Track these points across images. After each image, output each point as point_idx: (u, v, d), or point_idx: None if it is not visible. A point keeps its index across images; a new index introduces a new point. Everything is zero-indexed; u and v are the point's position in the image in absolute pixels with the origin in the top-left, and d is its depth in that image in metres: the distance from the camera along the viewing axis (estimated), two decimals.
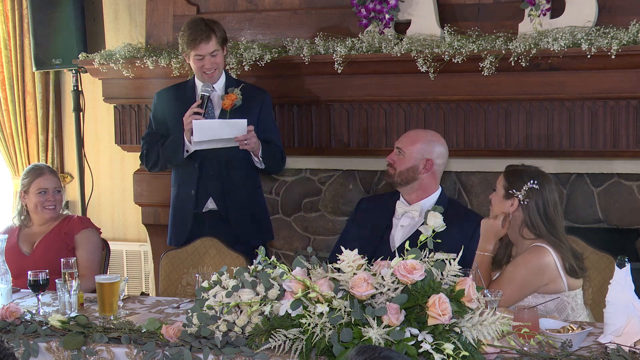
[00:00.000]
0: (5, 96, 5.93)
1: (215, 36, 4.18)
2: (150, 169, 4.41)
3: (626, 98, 4.24)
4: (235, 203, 4.32)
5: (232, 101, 4.21)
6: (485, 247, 3.47)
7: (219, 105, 4.26)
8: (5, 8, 5.87)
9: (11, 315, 3.16)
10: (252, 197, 4.39)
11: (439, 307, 2.60)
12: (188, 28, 4.22)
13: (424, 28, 4.51)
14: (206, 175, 4.29)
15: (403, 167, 3.76)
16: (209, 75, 4.22)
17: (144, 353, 2.89)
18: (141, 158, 4.42)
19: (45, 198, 4.13)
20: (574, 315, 3.32)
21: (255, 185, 4.42)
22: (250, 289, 2.86)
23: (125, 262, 5.92)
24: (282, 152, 4.40)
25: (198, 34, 4.16)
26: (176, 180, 4.40)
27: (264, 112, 4.33)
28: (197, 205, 4.32)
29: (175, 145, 4.22)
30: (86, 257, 4.09)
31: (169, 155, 4.27)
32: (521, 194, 3.40)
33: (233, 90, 4.24)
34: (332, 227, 5.06)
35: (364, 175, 5.00)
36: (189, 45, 4.19)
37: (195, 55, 4.19)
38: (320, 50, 4.60)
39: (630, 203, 4.54)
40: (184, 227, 4.35)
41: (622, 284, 2.84)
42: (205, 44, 4.16)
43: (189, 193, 4.32)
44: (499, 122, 4.46)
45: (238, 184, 4.31)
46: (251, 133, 4.14)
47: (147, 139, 4.38)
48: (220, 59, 4.24)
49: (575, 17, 4.28)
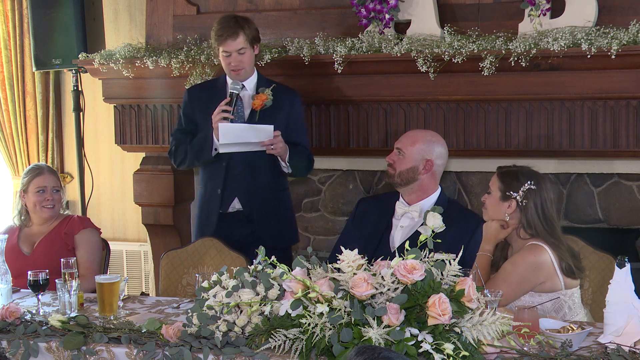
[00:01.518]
0: (5, 96, 5.93)
1: (243, 34, 4.14)
2: (178, 165, 4.38)
3: (626, 98, 4.24)
4: (260, 204, 4.27)
5: (262, 101, 4.17)
6: (484, 247, 3.48)
7: (250, 104, 4.21)
8: (5, 8, 5.87)
9: (11, 315, 3.16)
10: (278, 199, 4.34)
11: (439, 307, 2.60)
12: (218, 24, 4.19)
13: (424, 28, 4.51)
14: (233, 174, 4.25)
15: (403, 167, 3.76)
16: (236, 72, 4.19)
17: (144, 353, 2.89)
18: (170, 154, 4.39)
19: (43, 197, 4.13)
20: (571, 314, 3.32)
21: (282, 188, 4.37)
22: (250, 289, 2.86)
23: (125, 262, 5.92)
24: (310, 155, 4.35)
25: (225, 30, 4.13)
26: (203, 179, 4.36)
27: (294, 114, 4.29)
28: (222, 205, 4.27)
29: (204, 143, 4.18)
30: (86, 257, 4.09)
31: (197, 153, 4.23)
32: (519, 195, 3.40)
33: (264, 91, 4.19)
34: (332, 227, 5.06)
35: (364, 175, 5.00)
36: (217, 40, 4.16)
37: (223, 52, 4.16)
38: (320, 50, 4.60)
39: (630, 203, 4.54)
40: (209, 226, 4.30)
41: (622, 284, 2.84)
42: (232, 41, 4.13)
43: (215, 192, 4.28)
44: (499, 122, 4.46)
45: (264, 186, 4.26)
46: (278, 138, 4.09)
47: (176, 136, 4.34)
48: (248, 57, 4.19)
49: (575, 17, 4.28)
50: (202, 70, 4.74)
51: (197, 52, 4.80)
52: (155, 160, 5.19)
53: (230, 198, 4.27)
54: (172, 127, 5.00)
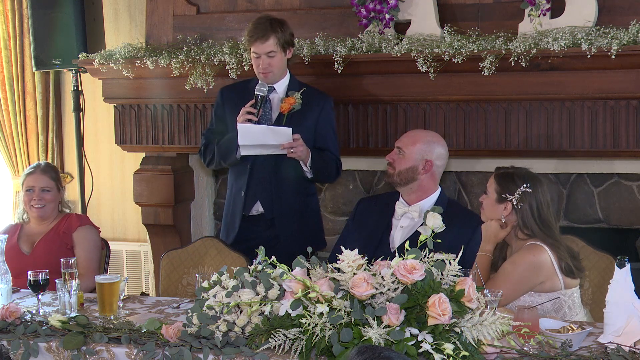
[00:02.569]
0: (5, 96, 5.93)
1: (274, 37, 4.07)
2: (207, 165, 4.35)
3: (626, 98, 4.24)
4: (284, 209, 4.21)
5: (290, 105, 4.11)
6: (484, 247, 3.49)
7: (278, 107, 4.16)
8: (5, 8, 5.87)
9: (11, 315, 3.16)
10: (304, 203, 4.27)
11: (439, 307, 2.60)
12: (252, 24, 4.14)
13: (424, 28, 4.51)
14: (257, 178, 4.19)
15: (402, 167, 3.76)
16: (264, 75, 4.12)
17: (144, 353, 2.89)
18: (200, 153, 4.37)
19: (30, 197, 4.13)
20: (570, 314, 3.32)
21: (308, 193, 4.30)
22: (250, 289, 2.86)
23: (125, 262, 5.92)
24: (338, 162, 4.26)
25: (257, 32, 4.08)
26: (230, 180, 4.33)
27: (323, 119, 4.21)
28: (245, 208, 4.22)
29: (230, 144, 4.13)
30: (84, 255, 4.08)
31: (223, 154, 4.19)
32: (514, 198, 3.41)
33: (293, 94, 4.14)
34: (332, 227, 5.06)
35: (364, 175, 5.00)
36: (248, 41, 4.13)
37: (253, 53, 4.12)
38: (320, 50, 4.60)
39: (630, 203, 4.54)
40: (232, 228, 4.27)
41: (622, 284, 2.84)
42: (261, 43, 4.07)
43: (239, 194, 4.23)
44: (499, 122, 4.46)
45: (288, 190, 4.20)
46: (298, 142, 4.02)
47: (207, 135, 4.32)
48: (278, 61, 4.11)
49: (575, 17, 4.28)
50: (202, 70, 4.74)
51: (197, 52, 4.80)
52: (155, 160, 5.19)
53: (253, 201, 4.22)
54: (172, 127, 5.01)
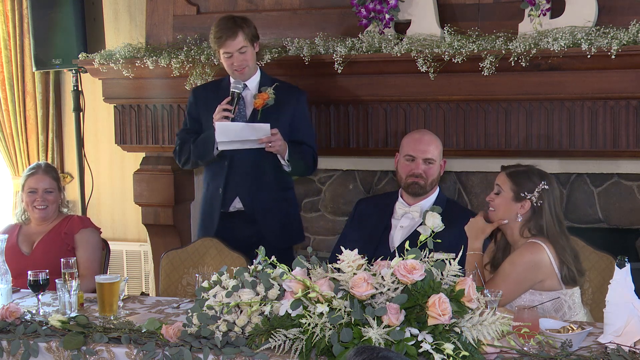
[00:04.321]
0: (5, 96, 5.93)
1: (242, 32, 4.13)
2: (183, 165, 4.38)
3: (626, 98, 4.24)
4: (263, 204, 4.25)
5: (264, 100, 4.16)
6: (473, 246, 3.46)
7: (252, 104, 4.21)
8: (5, 8, 5.87)
9: (11, 315, 3.16)
10: (283, 198, 4.32)
11: (439, 307, 2.60)
12: (215, 26, 4.18)
13: (424, 28, 4.51)
14: (235, 174, 4.23)
15: (435, 174, 3.86)
16: (240, 72, 4.17)
17: (144, 353, 2.89)
18: (174, 154, 4.39)
19: (33, 198, 4.13)
20: (570, 313, 3.32)
21: (286, 187, 4.34)
22: (250, 289, 2.86)
23: (125, 262, 5.92)
24: (314, 155, 4.32)
25: (224, 32, 4.12)
26: (206, 179, 4.36)
27: (298, 112, 4.26)
28: (224, 204, 4.26)
29: (207, 142, 4.18)
30: (86, 257, 4.09)
31: (200, 152, 4.23)
32: (534, 195, 3.38)
33: (266, 89, 4.18)
34: (332, 227, 5.06)
35: (364, 175, 5.00)
36: (217, 43, 4.15)
37: (224, 53, 4.15)
38: (320, 50, 4.60)
39: (630, 203, 4.54)
40: (211, 226, 4.29)
41: (622, 284, 2.84)
42: (232, 41, 4.11)
43: (216, 192, 4.27)
44: (499, 122, 4.46)
45: (267, 185, 4.24)
46: (276, 136, 4.07)
47: (181, 135, 4.34)
48: (250, 55, 4.18)
49: (575, 17, 4.28)
50: (202, 70, 4.74)
51: (197, 52, 4.80)
52: (155, 160, 5.19)
53: (232, 197, 4.26)
54: (173, 127, 5.01)
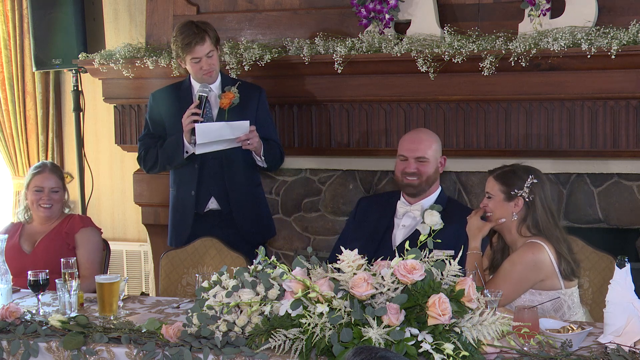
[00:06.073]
0: (5, 96, 5.93)
1: (208, 37, 4.16)
2: (148, 170, 4.40)
3: (626, 98, 4.24)
4: (238, 202, 4.31)
5: (229, 100, 4.21)
6: (472, 245, 3.46)
7: (217, 104, 4.25)
8: (5, 8, 5.87)
9: (11, 315, 3.16)
10: (254, 195, 4.39)
11: (439, 307, 2.60)
12: (180, 33, 4.18)
13: (424, 28, 4.51)
14: (207, 175, 4.28)
15: (429, 171, 3.84)
16: (209, 75, 4.21)
17: (144, 353, 2.89)
18: (139, 160, 4.40)
19: (39, 197, 4.13)
20: (570, 313, 3.32)
21: (256, 183, 4.42)
22: (250, 289, 2.86)
23: (125, 262, 5.92)
24: (281, 149, 4.41)
25: (192, 37, 4.13)
26: (175, 182, 4.38)
27: (261, 109, 4.33)
28: (197, 206, 4.30)
29: (175, 146, 4.21)
30: (86, 256, 4.09)
31: (168, 156, 4.25)
32: (524, 191, 3.38)
33: (230, 89, 4.23)
34: (332, 227, 5.06)
35: (364, 175, 5.00)
36: (184, 49, 4.15)
37: (192, 59, 4.16)
38: (320, 50, 4.60)
39: (630, 203, 4.54)
40: (184, 228, 4.34)
41: (622, 284, 2.84)
42: (201, 46, 4.14)
43: (189, 194, 4.30)
44: (499, 122, 4.46)
45: (239, 183, 4.30)
46: (253, 133, 4.14)
47: (145, 141, 4.36)
48: (216, 59, 4.23)
49: (575, 17, 4.28)
50: None
51: None
52: None
53: (206, 199, 4.30)
54: None
